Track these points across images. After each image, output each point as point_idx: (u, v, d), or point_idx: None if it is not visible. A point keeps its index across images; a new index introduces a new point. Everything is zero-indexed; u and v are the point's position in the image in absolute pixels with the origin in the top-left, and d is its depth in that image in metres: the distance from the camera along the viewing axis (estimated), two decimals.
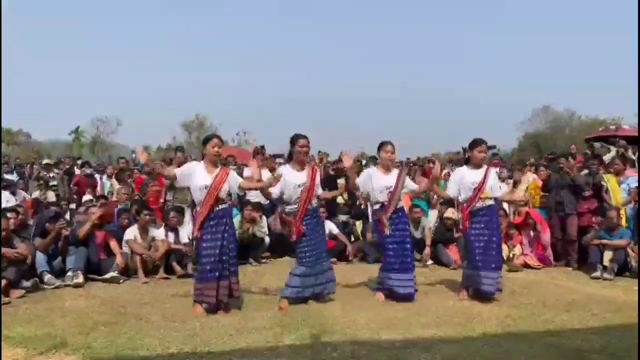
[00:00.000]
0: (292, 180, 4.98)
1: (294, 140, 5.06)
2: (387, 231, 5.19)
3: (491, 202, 5.31)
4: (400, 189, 5.25)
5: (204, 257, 4.66)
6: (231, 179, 4.80)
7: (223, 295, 4.68)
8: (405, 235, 5.27)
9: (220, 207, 4.72)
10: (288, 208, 5.05)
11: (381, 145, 5.34)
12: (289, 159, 5.18)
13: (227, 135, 40.04)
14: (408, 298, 5.14)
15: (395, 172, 5.35)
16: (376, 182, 5.25)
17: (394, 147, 5.30)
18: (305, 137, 5.09)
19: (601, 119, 34.69)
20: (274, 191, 4.98)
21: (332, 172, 9.53)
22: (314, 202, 5.09)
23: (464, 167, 5.45)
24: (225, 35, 76.41)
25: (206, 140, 4.86)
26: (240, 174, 9.56)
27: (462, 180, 5.32)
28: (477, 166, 5.33)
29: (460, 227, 5.55)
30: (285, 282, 5.02)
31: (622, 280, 6.34)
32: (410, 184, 5.46)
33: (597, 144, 10.72)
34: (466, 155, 5.51)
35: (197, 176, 4.71)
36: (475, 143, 5.31)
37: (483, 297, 5.19)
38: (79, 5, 76.14)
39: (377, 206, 5.31)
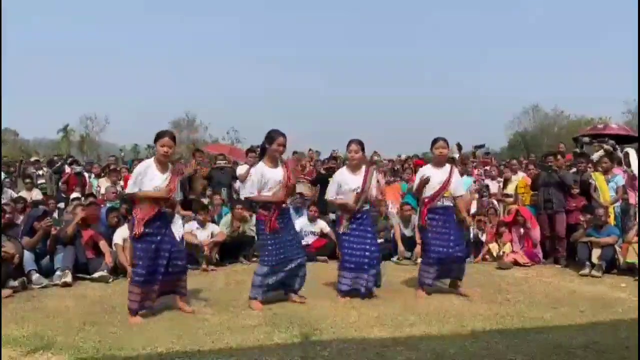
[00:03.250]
0: (272, 177, 4.80)
1: (272, 137, 4.81)
2: (342, 229, 5.15)
3: (449, 203, 5.35)
4: (368, 189, 5.15)
5: (139, 260, 4.48)
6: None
7: (150, 301, 4.55)
8: (365, 237, 5.15)
9: (164, 209, 4.60)
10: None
11: (347, 145, 5.20)
12: (262, 154, 4.99)
13: (218, 133, 40.00)
14: (359, 294, 5.12)
15: (362, 172, 5.20)
16: (344, 184, 5.18)
17: (359, 145, 5.16)
18: (283, 135, 4.84)
19: (589, 118, 35.02)
20: (247, 188, 4.88)
21: (323, 172, 9.51)
22: (289, 200, 5.00)
23: (429, 165, 5.51)
24: (217, 33, 75.97)
25: (156, 138, 4.50)
26: (234, 171, 9.60)
27: (424, 175, 5.33)
28: (440, 164, 5.36)
29: (419, 222, 5.58)
30: (251, 282, 4.92)
31: (610, 277, 6.41)
32: (374, 188, 5.34)
33: (585, 139, 10.79)
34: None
35: (149, 176, 4.46)
36: (434, 141, 5.35)
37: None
38: (67, 3, 75.40)
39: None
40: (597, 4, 70.15)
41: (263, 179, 4.79)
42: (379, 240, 7.68)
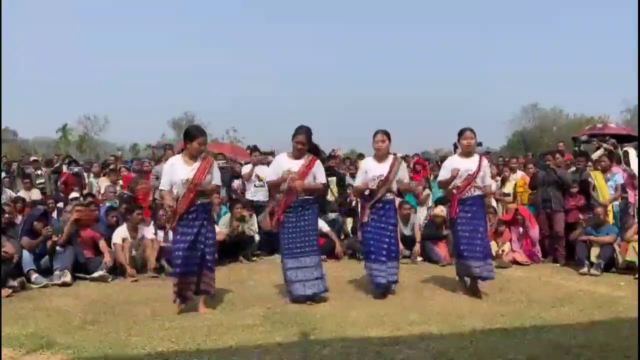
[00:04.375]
0: (286, 166, 4.96)
1: (294, 134, 5.01)
2: (366, 219, 5.18)
3: (479, 192, 5.37)
4: (393, 178, 5.23)
5: (177, 251, 4.63)
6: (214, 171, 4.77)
7: (189, 290, 4.68)
8: (387, 228, 5.21)
9: (201, 201, 4.67)
10: (278, 195, 5.07)
11: (374, 135, 5.33)
12: (316, 153, 5.17)
13: (218, 133, 39.99)
14: (382, 287, 5.14)
15: (389, 161, 5.30)
16: (369, 171, 5.26)
17: (385, 135, 5.26)
18: (303, 132, 4.99)
19: (588, 116, 35.04)
20: (268, 175, 5.11)
21: None
22: (303, 194, 5.01)
23: (456, 155, 5.54)
24: (213, 33, 75.96)
25: (192, 137, 4.67)
26: (234, 169, 9.60)
27: (454, 168, 5.34)
28: (468, 155, 5.39)
29: (449, 215, 5.59)
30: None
31: (608, 276, 6.41)
32: (403, 176, 5.41)
33: (583, 137, 10.81)
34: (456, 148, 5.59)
35: (176, 171, 4.65)
36: (460, 132, 5.41)
37: (476, 286, 5.29)
38: (66, 3, 75.37)
39: (366, 192, 5.28)
40: (596, 3, 70.16)
41: (277, 168, 5.01)
42: None
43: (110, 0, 73.62)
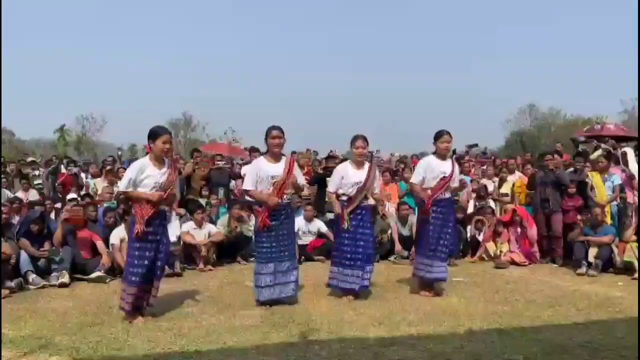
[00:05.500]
0: (265, 171, 4.90)
1: (267, 132, 4.95)
2: (345, 225, 5.16)
3: (449, 195, 5.42)
4: (371, 185, 5.24)
5: (137, 259, 4.39)
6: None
7: (145, 300, 4.50)
8: (364, 233, 5.20)
9: (163, 207, 4.55)
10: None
11: (352, 141, 5.30)
12: (267, 151, 5.11)
13: (216, 133, 39.95)
14: (351, 293, 5.13)
15: (366, 167, 5.29)
16: (346, 177, 5.23)
17: (364, 141, 5.24)
18: (277, 127, 4.95)
19: (585, 117, 35.09)
20: (247, 182, 4.96)
21: (320, 171, 9.50)
22: (286, 197, 5.00)
23: (431, 156, 5.52)
24: (212, 34, 75.97)
25: (155, 135, 4.41)
26: (232, 169, 9.61)
27: (430, 169, 5.35)
28: (443, 157, 5.41)
29: (419, 215, 5.61)
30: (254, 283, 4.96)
31: (606, 276, 6.43)
32: (377, 186, 5.42)
33: (581, 138, 10.83)
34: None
35: (147, 174, 4.40)
36: (438, 135, 5.40)
37: (430, 284, 5.35)
38: (64, 3, 75.25)
39: (344, 198, 5.25)
40: (595, 4, 70.26)
41: (256, 173, 4.90)
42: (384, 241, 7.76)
43: (110, 1, 73.38)
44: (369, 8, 77.83)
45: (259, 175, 4.91)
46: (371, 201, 5.40)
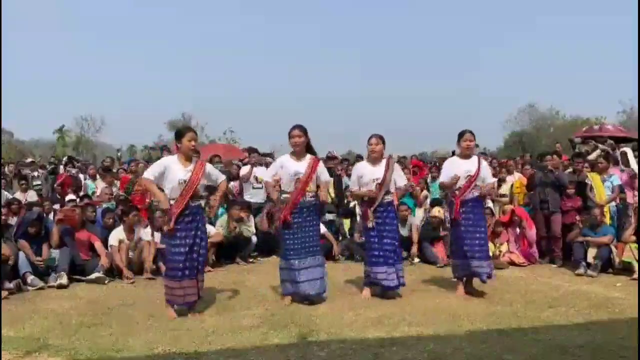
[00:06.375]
0: (288, 168, 5.02)
1: (289, 132, 5.07)
2: (370, 224, 5.20)
3: (477, 193, 5.42)
4: (389, 179, 5.26)
5: (175, 255, 4.56)
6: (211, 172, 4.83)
7: (192, 295, 4.62)
8: (391, 230, 5.28)
9: (195, 203, 4.66)
10: (283, 196, 5.05)
11: (368, 139, 5.37)
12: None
13: (215, 133, 39.93)
14: (391, 291, 5.19)
15: (383, 163, 5.33)
16: (364, 176, 5.29)
17: (379, 139, 5.31)
18: (297, 127, 5.07)
19: (584, 117, 35.12)
20: (267, 175, 5.16)
21: None
22: (309, 195, 5.05)
23: (455, 157, 5.61)
24: (211, 33, 75.95)
25: (181, 134, 4.72)
26: (231, 171, 9.58)
27: (455, 170, 5.38)
28: (467, 156, 5.45)
29: (450, 217, 5.62)
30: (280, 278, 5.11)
31: (605, 277, 6.43)
32: (399, 178, 5.44)
33: (577, 139, 10.84)
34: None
35: (172, 171, 4.60)
36: (460, 134, 5.47)
37: (472, 287, 5.34)
38: (63, 3, 75.26)
39: (365, 198, 5.30)
40: (594, 4, 70.33)
41: (281, 169, 5.06)
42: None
43: (108, 1, 73.41)
44: (369, 8, 77.92)
45: (282, 171, 5.05)
46: (389, 197, 5.33)
